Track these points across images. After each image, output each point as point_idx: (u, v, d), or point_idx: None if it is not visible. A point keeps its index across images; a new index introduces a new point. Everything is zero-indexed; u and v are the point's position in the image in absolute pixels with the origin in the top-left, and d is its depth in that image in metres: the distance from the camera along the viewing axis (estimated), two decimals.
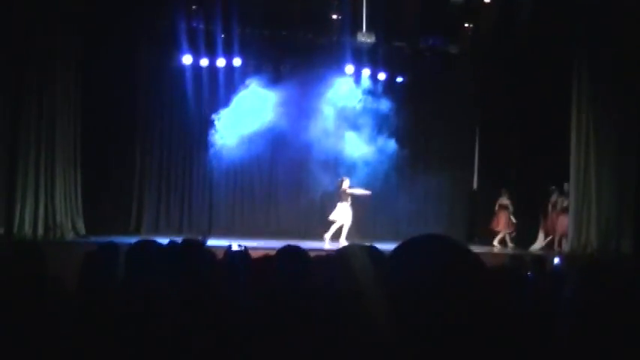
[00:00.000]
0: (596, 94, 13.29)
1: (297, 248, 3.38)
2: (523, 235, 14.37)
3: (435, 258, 1.47)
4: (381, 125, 14.61)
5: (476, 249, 12.01)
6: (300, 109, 14.20)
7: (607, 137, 13.22)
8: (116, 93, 13.63)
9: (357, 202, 13.54)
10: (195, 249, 3.56)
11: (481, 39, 14.73)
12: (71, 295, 3.01)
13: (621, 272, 2.16)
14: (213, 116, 14.13)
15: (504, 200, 14.45)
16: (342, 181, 13.32)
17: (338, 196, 13.28)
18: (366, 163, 14.32)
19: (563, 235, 13.76)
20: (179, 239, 3.83)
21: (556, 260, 8.80)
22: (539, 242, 14.18)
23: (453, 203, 15.55)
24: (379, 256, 2.19)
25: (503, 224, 14.37)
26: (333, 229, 12.96)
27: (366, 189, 13.63)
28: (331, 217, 13.11)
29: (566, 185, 13.79)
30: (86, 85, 12.87)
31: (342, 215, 13.10)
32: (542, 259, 9.92)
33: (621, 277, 2.06)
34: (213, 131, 14.09)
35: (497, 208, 14.47)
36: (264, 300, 2.99)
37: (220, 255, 4.24)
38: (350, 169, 14.33)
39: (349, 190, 13.19)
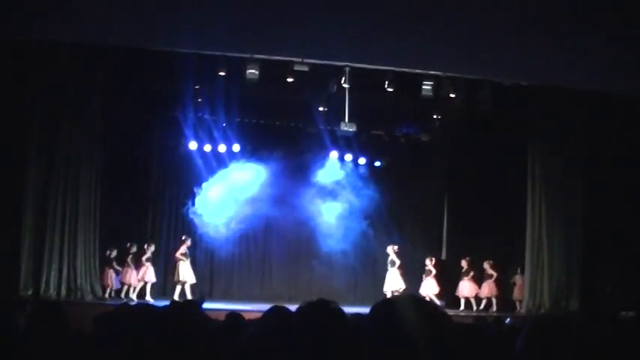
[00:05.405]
0: (547, 175, 15.01)
1: (283, 308, 3.37)
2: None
3: (405, 315, 1.57)
4: (362, 202, 16.00)
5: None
6: (292, 188, 15.79)
7: (556, 212, 14.91)
8: (132, 174, 15.50)
9: (341, 268, 15.45)
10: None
11: (448, 128, 16.59)
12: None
13: (565, 325, 2.26)
14: (215, 194, 15.62)
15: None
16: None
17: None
18: (349, 235, 15.74)
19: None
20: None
21: (507, 320, 10.38)
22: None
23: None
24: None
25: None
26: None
27: (349, 257, 15.52)
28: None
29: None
30: (106, 167, 14.36)
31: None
32: (500, 320, 11.35)
33: (565, 329, 2.09)
34: (214, 207, 15.54)
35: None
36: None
37: (219, 317, 4.91)
38: (335, 240, 15.66)
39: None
